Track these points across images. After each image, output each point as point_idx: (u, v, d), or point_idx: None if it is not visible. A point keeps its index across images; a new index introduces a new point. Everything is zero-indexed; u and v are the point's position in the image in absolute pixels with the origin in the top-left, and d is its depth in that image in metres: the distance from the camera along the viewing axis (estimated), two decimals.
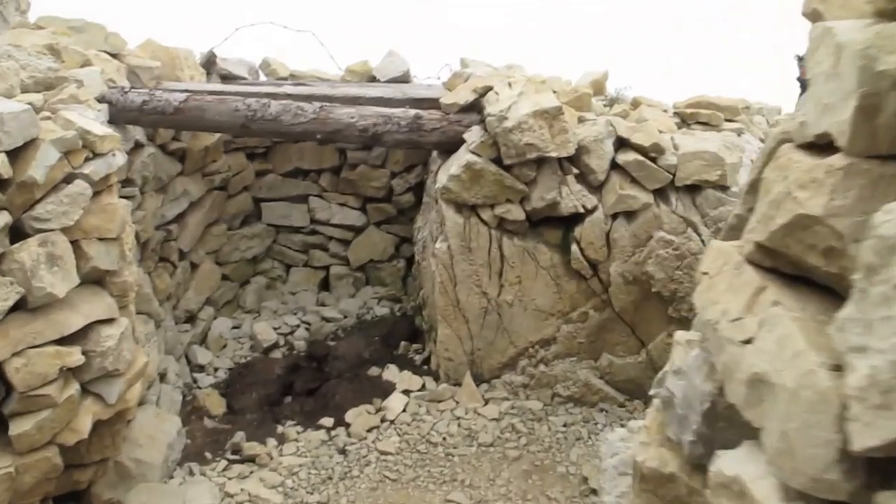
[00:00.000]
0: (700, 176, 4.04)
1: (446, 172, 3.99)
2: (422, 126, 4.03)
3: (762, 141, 5.13)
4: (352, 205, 5.52)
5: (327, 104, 4.29)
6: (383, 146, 4.85)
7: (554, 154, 3.88)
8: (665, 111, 4.86)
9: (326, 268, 5.78)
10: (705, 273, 1.64)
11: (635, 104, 4.87)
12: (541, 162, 3.98)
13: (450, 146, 4.13)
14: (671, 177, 4.05)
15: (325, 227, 5.60)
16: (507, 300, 4.23)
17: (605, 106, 4.92)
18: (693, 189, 4.14)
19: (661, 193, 4.13)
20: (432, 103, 4.33)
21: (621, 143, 4.18)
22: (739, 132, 4.80)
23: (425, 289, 4.74)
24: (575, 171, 4.06)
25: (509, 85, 4.11)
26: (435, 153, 4.68)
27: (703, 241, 4.07)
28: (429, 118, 4.06)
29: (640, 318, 4.33)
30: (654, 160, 4.05)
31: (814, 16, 1.50)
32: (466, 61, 4.73)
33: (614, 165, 4.12)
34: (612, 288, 4.20)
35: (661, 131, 4.17)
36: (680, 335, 1.78)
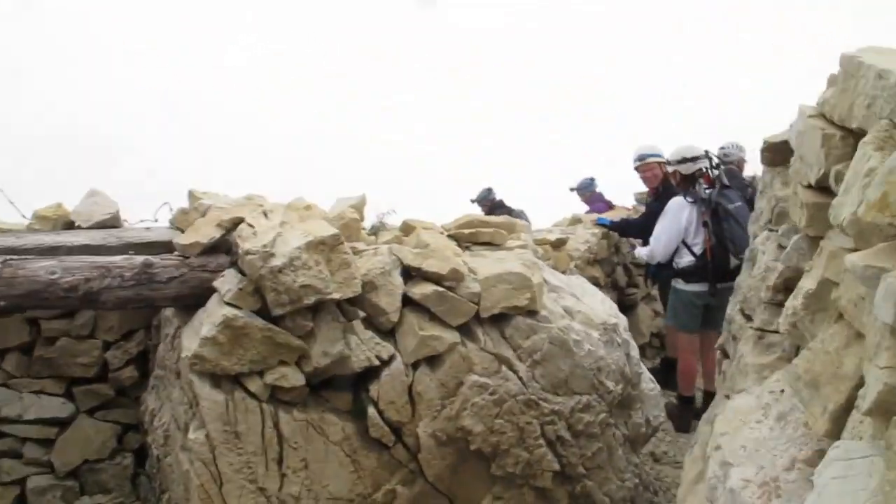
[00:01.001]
0: (508, 302, 3.82)
1: (195, 335, 3.27)
2: (154, 276, 3.29)
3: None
4: (52, 390, 4.38)
5: (13, 258, 3.38)
6: (100, 308, 3.93)
7: (337, 295, 3.40)
8: (442, 233, 4.72)
9: (22, 481, 4.51)
10: None
11: (407, 229, 4.65)
12: (318, 308, 3.47)
13: (193, 299, 3.44)
14: (476, 307, 3.80)
15: (15, 426, 4.40)
16: (292, 493, 3.52)
17: (369, 235, 4.63)
18: (499, 319, 3.91)
19: (464, 329, 3.85)
20: (163, 247, 3.64)
21: (409, 275, 3.87)
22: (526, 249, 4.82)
23: (173, 493, 3.82)
24: (361, 314, 3.63)
25: (265, 214, 3.60)
26: (168, 311, 3.93)
27: (520, 378, 3.83)
28: (163, 265, 3.34)
29: (458, 485, 3.87)
30: (452, 290, 3.79)
31: None
32: (197, 193, 4.11)
33: (406, 301, 3.77)
34: (422, 454, 3.71)
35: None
36: None
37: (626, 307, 7.75)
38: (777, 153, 2.81)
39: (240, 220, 3.50)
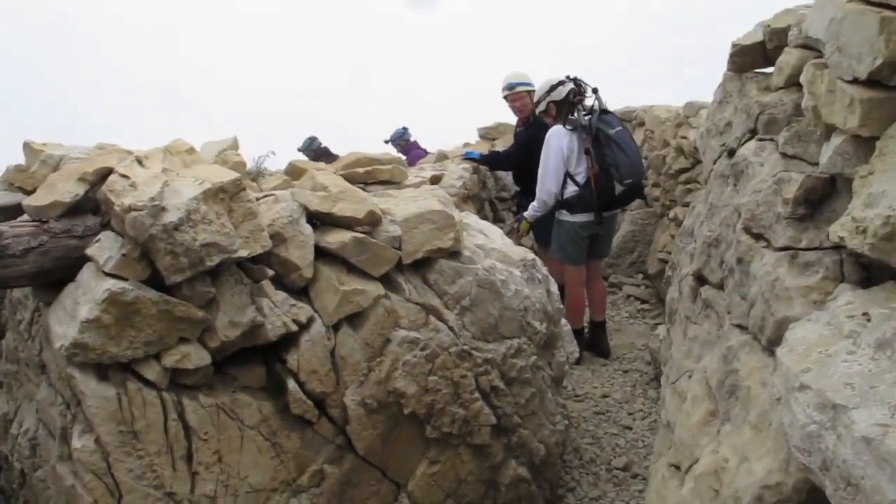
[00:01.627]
0: (432, 245, 3.57)
1: (70, 318, 2.72)
2: (5, 250, 2.71)
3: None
4: None
5: None
6: None
7: (244, 252, 2.98)
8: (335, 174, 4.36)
9: None
10: None
11: (296, 172, 4.25)
12: (217, 271, 3.05)
13: (59, 273, 2.89)
14: (399, 253, 3.53)
15: None
16: (206, 494, 3.12)
17: (252, 181, 4.19)
18: (421, 264, 3.67)
19: (384, 280, 3.58)
20: (11, 212, 3.02)
21: (314, 224, 3.51)
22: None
23: None
24: (269, 272, 3.25)
25: (139, 162, 3.07)
26: (17, 293, 3.32)
27: (451, 328, 3.64)
28: (14, 234, 2.74)
29: (390, 455, 3.64)
30: (370, 236, 3.48)
31: None
32: (35, 144, 3.43)
33: (319, 254, 3.42)
34: (351, 425, 3.42)
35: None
36: None
37: None
38: (748, 56, 2.76)
39: (108, 171, 2.94)
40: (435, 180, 6.84)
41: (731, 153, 2.74)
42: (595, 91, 6.18)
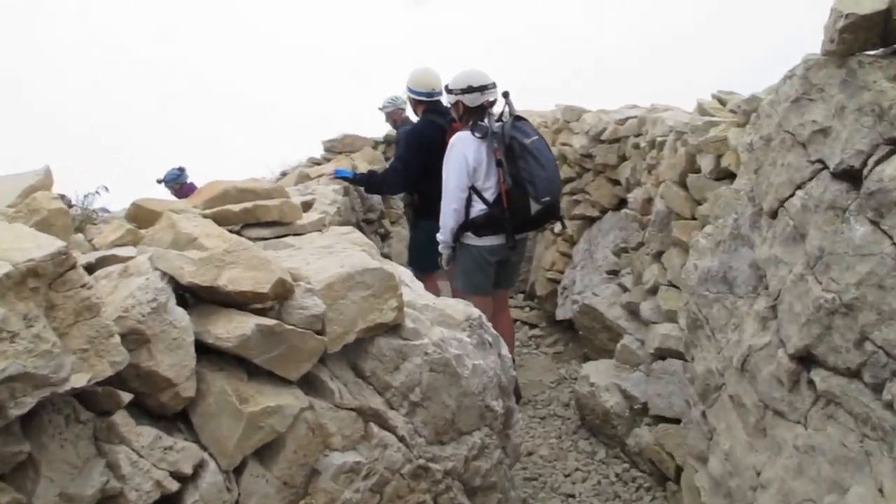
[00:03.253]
0: (368, 320, 2.41)
1: None
2: None
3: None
4: None
5: None
6: None
7: (81, 380, 1.68)
8: (202, 216, 3.11)
9: None
10: None
11: (143, 216, 2.96)
12: (34, 409, 1.77)
13: None
14: (323, 341, 2.35)
15: None
16: None
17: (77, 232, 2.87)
18: (351, 350, 2.50)
19: (304, 382, 2.39)
20: None
21: (185, 298, 2.28)
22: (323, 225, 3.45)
23: None
24: (125, 396, 1.98)
25: None
26: None
27: (401, 438, 2.51)
28: None
29: None
30: (280, 319, 2.29)
31: None
32: None
33: (202, 353, 2.18)
34: None
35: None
36: None
37: None
38: (863, 32, 1.86)
39: None
40: (305, 207, 5.63)
41: (849, 174, 1.85)
42: (506, 95, 5.25)
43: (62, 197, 3.11)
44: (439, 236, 5.42)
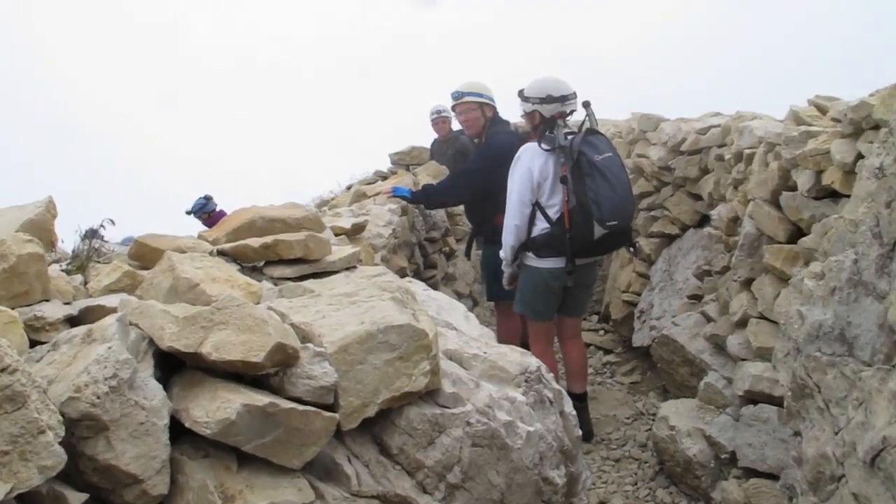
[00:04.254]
0: (392, 389, 1.98)
1: None
2: None
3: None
4: None
5: None
6: None
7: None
8: (210, 254, 2.74)
9: None
10: None
11: (144, 253, 2.60)
12: None
13: None
14: (335, 418, 1.93)
15: None
16: None
17: (71, 271, 2.53)
18: (375, 421, 2.08)
19: (311, 466, 1.98)
20: None
21: (166, 362, 1.89)
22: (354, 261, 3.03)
23: None
24: (81, 498, 1.61)
25: None
26: None
27: None
28: None
29: None
30: (279, 392, 1.89)
31: None
32: None
33: (178, 439, 1.80)
34: None
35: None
36: None
37: None
38: None
39: None
40: (357, 229, 5.24)
41: None
42: (586, 105, 4.79)
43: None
44: (501, 254, 5.03)
